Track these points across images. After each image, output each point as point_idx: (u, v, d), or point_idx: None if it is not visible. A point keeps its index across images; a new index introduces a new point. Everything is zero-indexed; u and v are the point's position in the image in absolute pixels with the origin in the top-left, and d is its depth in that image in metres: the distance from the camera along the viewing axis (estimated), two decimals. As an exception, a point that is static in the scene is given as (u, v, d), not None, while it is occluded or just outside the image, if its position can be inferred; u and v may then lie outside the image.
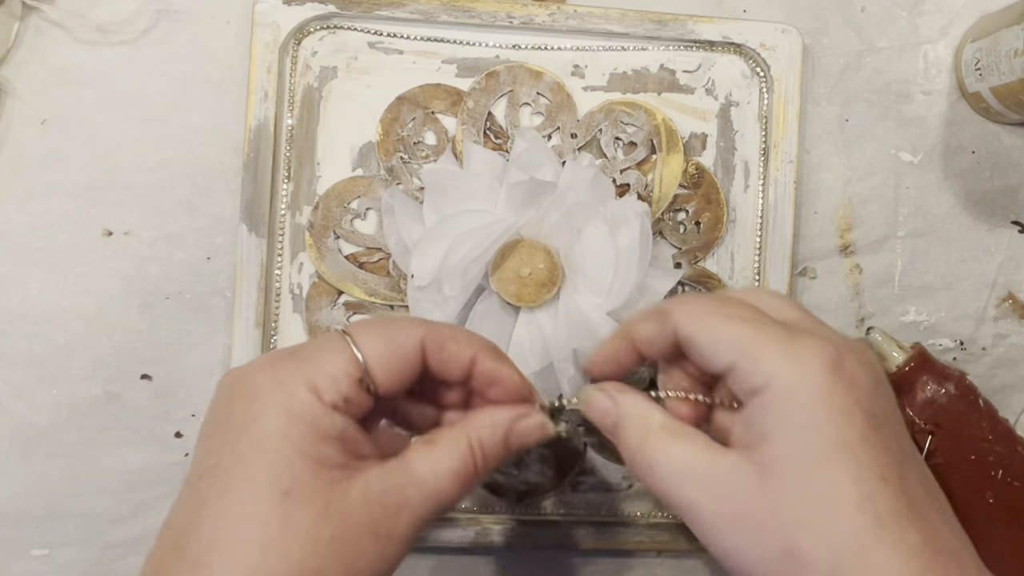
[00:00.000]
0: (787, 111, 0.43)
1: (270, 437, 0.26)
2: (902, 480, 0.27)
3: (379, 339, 0.28)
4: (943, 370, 0.42)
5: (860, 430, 0.27)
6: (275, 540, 0.25)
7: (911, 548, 0.26)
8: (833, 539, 0.26)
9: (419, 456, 0.28)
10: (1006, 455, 0.41)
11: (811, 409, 0.27)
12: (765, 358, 0.27)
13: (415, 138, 0.42)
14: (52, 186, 0.41)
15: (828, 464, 0.26)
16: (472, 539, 0.42)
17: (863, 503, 0.26)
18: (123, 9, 0.41)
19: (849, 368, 0.27)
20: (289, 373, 0.26)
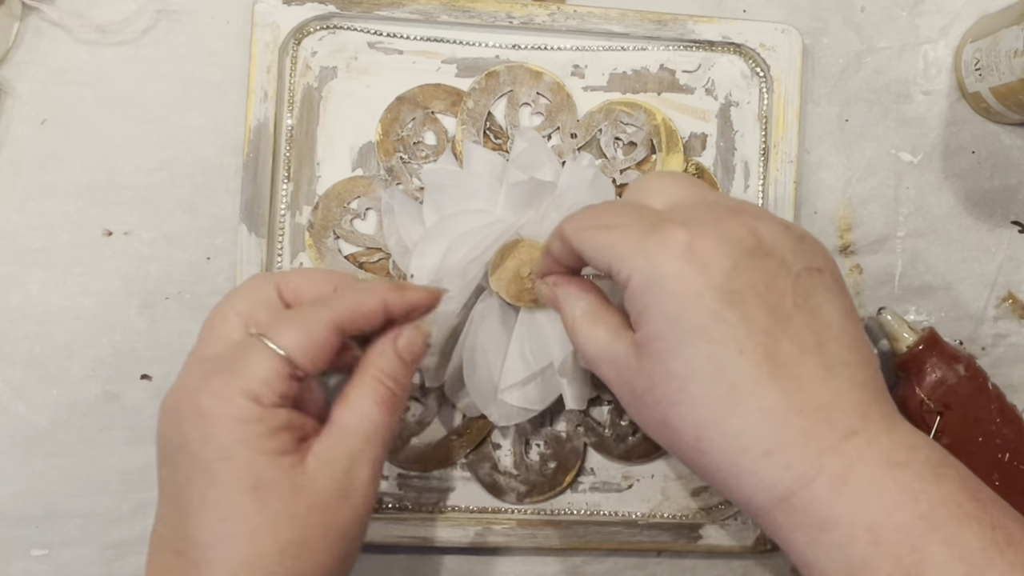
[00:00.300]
0: (787, 111, 0.43)
1: (227, 446, 0.29)
2: (766, 348, 0.28)
3: (295, 331, 0.31)
4: (953, 352, 0.42)
5: (712, 310, 0.28)
6: (258, 528, 0.29)
7: (766, 411, 0.28)
8: (694, 411, 0.29)
9: (342, 411, 0.32)
10: (1014, 438, 0.41)
11: (662, 297, 0.29)
12: (625, 258, 0.30)
13: (415, 138, 0.42)
14: (52, 186, 0.41)
15: (682, 346, 0.28)
16: (472, 539, 0.42)
17: (715, 376, 0.28)
18: (123, 9, 0.41)
19: (701, 251, 0.29)
20: (226, 388, 0.29)
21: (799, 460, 0.28)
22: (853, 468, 0.27)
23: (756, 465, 0.28)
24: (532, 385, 0.40)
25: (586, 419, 0.43)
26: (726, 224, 0.30)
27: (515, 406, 0.40)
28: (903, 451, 0.28)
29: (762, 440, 0.28)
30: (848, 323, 0.30)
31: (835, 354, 0.29)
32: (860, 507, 0.27)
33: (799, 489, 0.28)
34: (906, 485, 0.27)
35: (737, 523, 0.43)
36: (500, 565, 0.43)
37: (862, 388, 0.29)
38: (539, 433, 0.43)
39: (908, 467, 0.27)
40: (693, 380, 0.28)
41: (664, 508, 0.43)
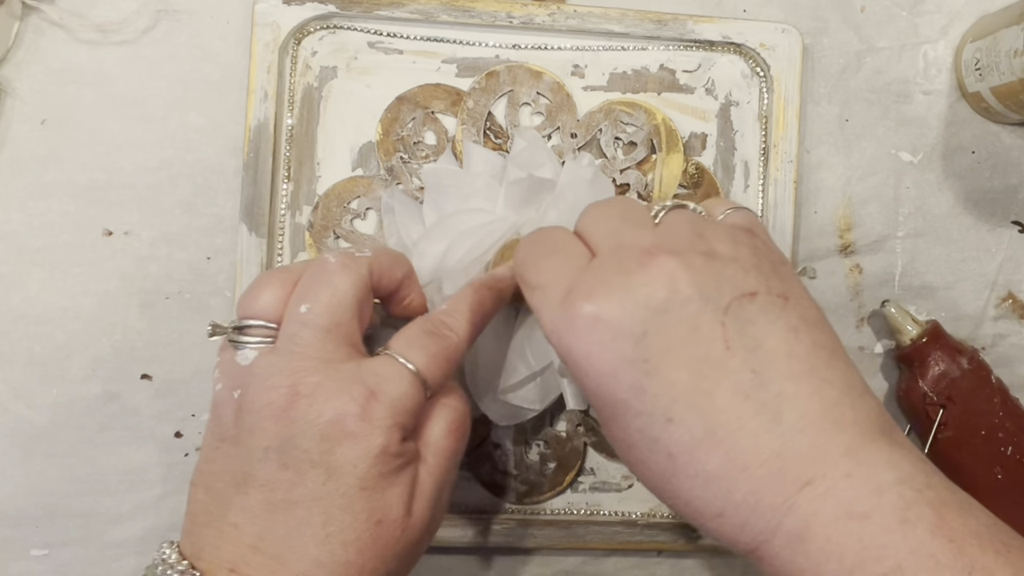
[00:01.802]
0: (787, 111, 0.43)
1: (372, 477, 0.30)
2: (697, 408, 0.27)
3: (433, 358, 0.32)
4: (957, 345, 0.42)
5: (630, 384, 0.27)
6: (367, 561, 0.30)
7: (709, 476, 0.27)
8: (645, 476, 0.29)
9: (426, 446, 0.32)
10: (1016, 432, 0.41)
11: (582, 377, 0.28)
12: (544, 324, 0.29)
13: (415, 138, 0.42)
14: (52, 186, 0.41)
15: (614, 419, 0.28)
16: (472, 539, 0.42)
17: (652, 446, 0.27)
18: (123, 9, 0.41)
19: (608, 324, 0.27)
20: (383, 419, 0.30)
21: (751, 520, 0.27)
22: (809, 526, 0.26)
23: (714, 524, 0.27)
24: (532, 385, 0.40)
25: (586, 419, 0.43)
26: (635, 280, 0.28)
27: (515, 406, 0.40)
28: (865, 498, 0.25)
29: (711, 504, 0.27)
30: (796, 343, 0.27)
31: (781, 391, 0.27)
32: (821, 566, 0.25)
33: (760, 545, 0.27)
34: (868, 540, 0.25)
35: (737, 523, 0.43)
36: (500, 565, 0.43)
37: (815, 425, 0.26)
38: (539, 433, 0.43)
39: (870, 519, 0.25)
40: (634, 448, 0.28)
41: (664, 508, 0.43)
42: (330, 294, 0.31)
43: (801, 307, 0.29)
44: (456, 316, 0.34)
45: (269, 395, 0.30)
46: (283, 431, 0.30)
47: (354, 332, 0.32)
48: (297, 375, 0.30)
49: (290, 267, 0.33)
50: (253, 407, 0.30)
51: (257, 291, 0.32)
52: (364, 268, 0.32)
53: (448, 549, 0.42)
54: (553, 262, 0.30)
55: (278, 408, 0.30)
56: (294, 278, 0.32)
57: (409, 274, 0.35)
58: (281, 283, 0.32)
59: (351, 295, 0.32)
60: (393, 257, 0.34)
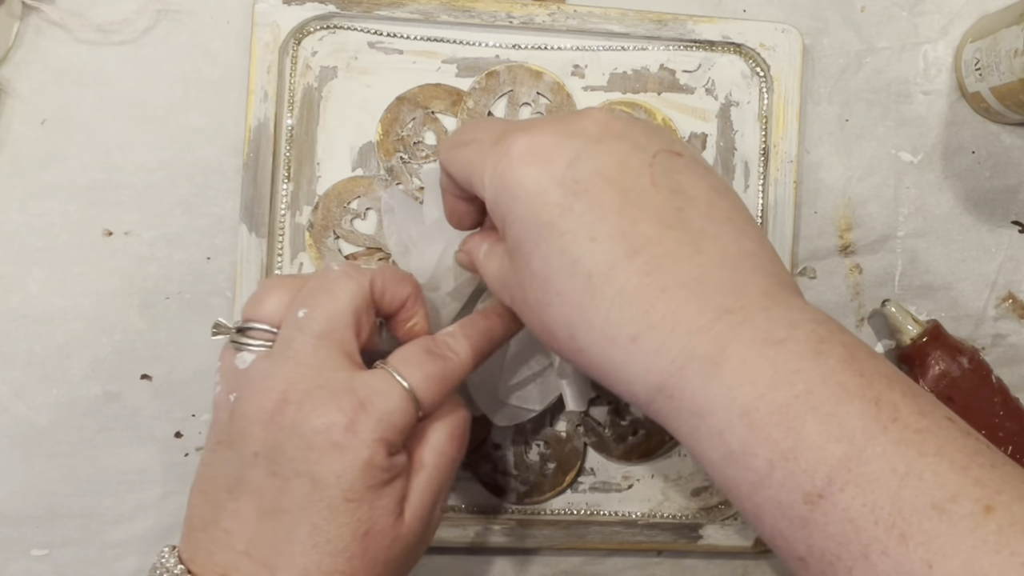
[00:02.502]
0: (787, 111, 0.43)
1: (357, 489, 0.29)
2: (620, 230, 0.27)
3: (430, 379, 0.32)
4: (957, 345, 0.42)
5: (557, 203, 0.27)
6: (358, 570, 0.30)
7: (626, 295, 0.27)
8: (561, 309, 0.28)
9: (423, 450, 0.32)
10: (1017, 431, 0.41)
11: (511, 203, 0.28)
12: (477, 171, 0.30)
13: (415, 138, 0.42)
14: (52, 186, 0.41)
15: (537, 245, 0.28)
16: (472, 539, 0.42)
17: (571, 268, 0.27)
18: (123, 9, 0.41)
19: (540, 149, 0.28)
20: (369, 433, 0.30)
21: (667, 344, 0.26)
22: (725, 350, 0.26)
23: (626, 353, 0.27)
24: (532, 385, 0.40)
25: (586, 419, 0.43)
26: (571, 120, 0.29)
27: (515, 406, 0.40)
28: (781, 328, 0.26)
29: (626, 325, 0.27)
30: (718, 197, 0.29)
31: (702, 228, 0.27)
32: (734, 391, 0.25)
33: (672, 375, 0.26)
34: (782, 364, 0.25)
35: (737, 523, 0.43)
36: (500, 565, 0.43)
37: (734, 262, 0.27)
38: (539, 433, 0.43)
39: (784, 345, 0.25)
40: (553, 277, 0.28)
41: (664, 508, 0.43)
42: (328, 301, 0.31)
43: (719, 178, 0.30)
44: (460, 340, 0.34)
45: (260, 400, 0.30)
46: (271, 437, 0.30)
47: (349, 342, 0.31)
48: (288, 381, 0.30)
49: (298, 275, 0.34)
50: (245, 411, 0.30)
51: (263, 295, 0.33)
52: (365, 280, 0.32)
53: (448, 549, 0.42)
54: (486, 124, 0.32)
55: (267, 413, 0.30)
56: (300, 285, 0.32)
57: (415, 295, 0.35)
58: (287, 289, 0.32)
59: (349, 304, 0.32)
60: (400, 274, 0.34)
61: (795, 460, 0.24)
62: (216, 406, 0.32)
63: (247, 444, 0.30)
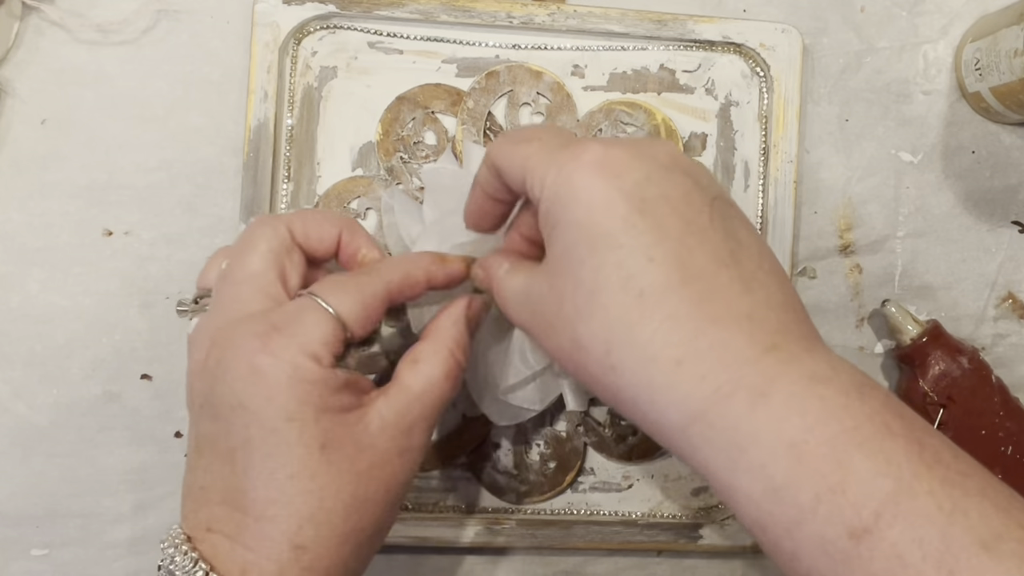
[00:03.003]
0: (787, 111, 0.43)
1: (292, 407, 0.29)
2: (678, 256, 0.27)
3: (350, 297, 0.31)
4: (957, 345, 0.42)
5: (622, 216, 0.27)
6: (325, 485, 0.29)
7: (677, 319, 0.27)
8: (603, 322, 0.27)
9: (413, 376, 0.32)
10: (1017, 431, 0.41)
11: (571, 207, 0.28)
12: (537, 170, 0.29)
13: (415, 138, 0.42)
14: (52, 186, 0.41)
15: (592, 254, 0.28)
16: (472, 539, 0.42)
17: (624, 283, 0.27)
18: (123, 9, 0.41)
19: (613, 162, 0.28)
20: (286, 349, 0.29)
21: (714, 371, 0.26)
22: (774, 383, 0.26)
23: (668, 376, 0.27)
24: (532, 385, 0.40)
25: (586, 419, 0.43)
26: (643, 144, 0.30)
27: (515, 406, 0.40)
28: (825, 369, 0.27)
29: (673, 348, 0.26)
30: (764, 250, 0.29)
31: (752, 272, 0.28)
32: (782, 423, 0.25)
33: (716, 403, 0.26)
34: (830, 400, 0.26)
35: (737, 523, 0.43)
36: (500, 565, 0.43)
37: (781, 307, 0.28)
38: (539, 433, 0.43)
39: (831, 383, 0.26)
40: (602, 289, 0.27)
41: (664, 508, 0.43)
42: (246, 249, 0.32)
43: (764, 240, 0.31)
44: (386, 263, 0.34)
45: (195, 354, 0.31)
46: (205, 385, 0.30)
47: (272, 284, 0.32)
48: (215, 328, 0.31)
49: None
50: (190, 370, 0.31)
51: (209, 264, 0.34)
52: (281, 224, 0.33)
53: (448, 549, 0.42)
54: (551, 127, 0.32)
55: (199, 364, 0.31)
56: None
57: (349, 229, 0.35)
58: (226, 253, 0.34)
59: (265, 248, 0.32)
60: (320, 215, 0.35)
61: (843, 494, 0.24)
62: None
63: (194, 399, 0.31)
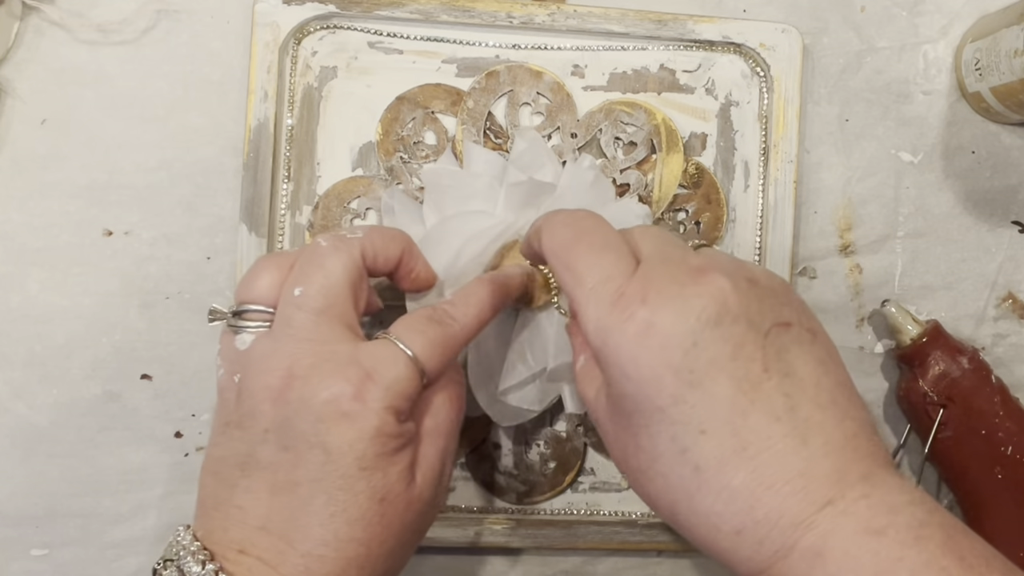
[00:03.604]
0: (787, 111, 0.43)
1: (370, 457, 0.30)
2: (731, 425, 0.27)
3: (433, 346, 0.32)
4: (957, 345, 0.42)
5: (671, 394, 0.28)
6: (375, 535, 0.30)
7: (734, 491, 0.27)
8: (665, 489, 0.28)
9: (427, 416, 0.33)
10: (1016, 432, 0.41)
11: (622, 380, 0.28)
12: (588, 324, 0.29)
13: (415, 138, 0.42)
14: (52, 186, 0.41)
15: (647, 425, 0.28)
16: (472, 539, 0.42)
17: (680, 457, 0.28)
18: (123, 9, 0.41)
19: (660, 330, 0.28)
20: (377, 400, 0.30)
21: (771, 536, 0.27)
22: (828, 541, 0.26)
23: (729, 543, 0.28)
24: (532, 386, 0.40)
25: (586, 419, 0.43)
26: (689, 292, 0.28)
27: (515, 406, 0.40)
28: (882, 516, 0.27)
29: (732, 520, 0.27)
30: (823, 375, 0.29)
31: (808, 417, 0.28)
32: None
33: (775, 563, 0.27)
34: (884, 554, 0.26)
35: (737, 523, 0.43)
36: (500, 565, 0.43)
37: (838, 451, 0.28)
38: (539, 433, 0.43)
39: (886, 534, 0.26)
40: (660, 459, 0.28)
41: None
42: (323, 276, 0.32)
43: (827, 344, 0.30)
44: (460, 306, 0.34)
45: (266, 378, 0.30)
46: (280, 413, 0.30)
47: (349, 313, 0.32)
48: (293, 357, 0.30)
49: (286, 252, 0.34)
50: (252, 390, 0.31)
51: (254, 276, 0.33)
52: (356, 249, 0.33)
53: (448, 549, 0.42)
54: (605, 258, 0.30)
55: (275, 391, 0.30)
56: (290, 262, 0.33)
57: (408, 249, 0.35)
58: (277, 267, 0.33)
59: (343, 277, 0.32)
60: (387, 235, 0.35)
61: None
62: (221, 388, 0.32)
63: (256, 422, 0.30)
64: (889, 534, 0.26)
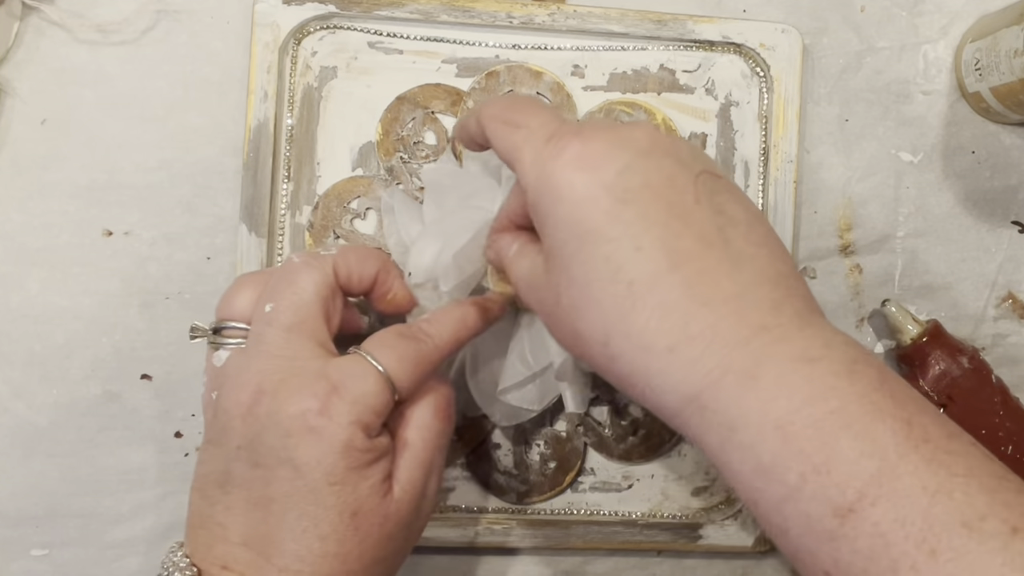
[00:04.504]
0: (787, 111, 0.43)
1: (339, 472, 0.30)
2: (664, 242, 0.27)
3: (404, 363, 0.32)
4: (957, 345, 0.42)
5: (606, 210, 0.28)
6: (351, 550, 0.30)
7: (668, 306, 0.27)
8: (598, 315, 0.28)
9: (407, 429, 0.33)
10: (1017, 431, 0.41)
11: (556, 205, 0.28)
12: (523, 164, 0.30)
13: (415, 138, 0.42)
14: (52, 186, 0.41)
15: (580, 248, 0.28)
16: (472, 539, 0.42)
17: (614, 275, 0.27)
18: (123, 9, 0.41)
19: (593, 156, 0.28)
20: (344, 415, 0.30)
21: (705, 355, 0.27)
22: (762, 364, 0.26)
23: (662, 363, 0.27)
24: (531, 386, 0.40)
25: (586, 419, 0.43)
26: (622, 130, 0.29)
27: (515, 406, 0.40)
28: (817, 347, 0.27)
29: (665, 335, 0.27)
30: (755, 221, 0.29)
31: (741, 248, 0.28)
32: (769, 404, 0.26)
33: (707, 387, 0.27)
34: (818, 381, 0.26)
35: (737, 523, 0.43)
36: (500, 565, 0.43)
37: (772, 283, 0.28)
38: (539, 433, 0.43)
39: (820, 362, 0.26)
40: (593, 283, 0.28)
41: (664, 508, 0.43)
42: (292, 292, 0.32)
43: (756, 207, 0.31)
44: (435, 324, 0.34)
45: (237, 394, 0.31)
46: (250, 430, 0.30)
47: (319, 330, 0.32)
48: (262, 373, 0.31)
49: (265, 270, 0.35)
50: (226, 407, 0.31)
51: (233, 294, 0.33)
52: (328, 266, 0.33)
53: (447, 549, 0.42)
54: (539, 109, 0.31)
55: (244, 407, 0.30)
56: (267, 280, 0.33)
57: (385, 268, 0.35)
58: (254, 285, 0.33)
59: (313, 293, 0.32)
60: (362, 253, 0.35)
61: (827, 474, 0.25)
62: (204, 406, 0.33)
63: (230, 438, 0.31)
64: (823, 364, 0.26)
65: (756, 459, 0.26)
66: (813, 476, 0.25)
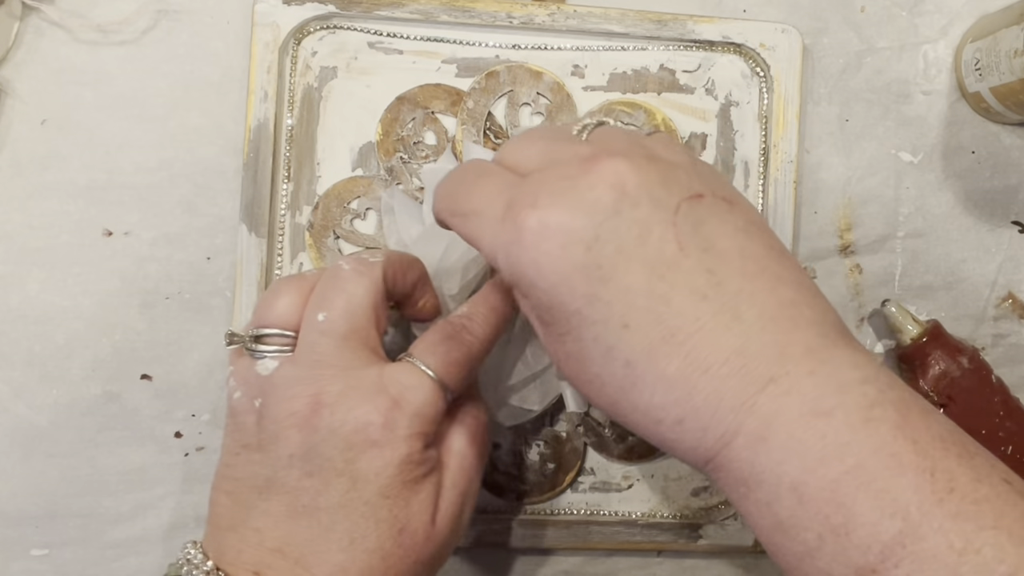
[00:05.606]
0: (787, 111, 0.43)
1: (395, 486, 0.30)
2: (653, 313, 0.26)
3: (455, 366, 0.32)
4: (957, 345, 0.42)
5: (583, 293, 0.26)
6: (393, 566, 0.30)
7: (669, 381, 0.26)
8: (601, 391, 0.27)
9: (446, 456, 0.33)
10: (1017, 431, 0.41)
11: (532, 290, 0.27)
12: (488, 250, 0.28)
13: (415, 138, 0.42)
14: (52, 186, 0.41)
15: (569, 330, 0.27)
16: (472, 539, 0.42)
17: (607, 356, 0.26)
18: (123, 9, 0.41)
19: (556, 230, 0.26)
20: (404, 428, 0.30)
21: (713, 423, 0.26)
22: (771, 424, 0.25)
23: (674, 433, 0.26)
24: (532, 386, 0.40)
25: (586, 419, 0.43)
26: (581, 184, 0.27)
27: (515, 406, 0.40)
28: (829, 396, 0.25)
29: (672, 410, 0.26)
30: (748, 243, 0.27)
31: (738, 288, 0.26)
32: (783, 465, 0.25)
33: (720, 450, 0.26)
34: (831, 438, 0.24)
35: (737, 523, 0.43)
36: (500, 565, 0.43)
37: (775, 322, 0.26)
38: (539, 433, 0.43)
39: (833, 416, 0.25)
40: (589, 361, 0.27)
41: (664, 508, 0.43)
42: (346, 301, 0.31)
43: (747, 210, 0.28)
44: (476, 319, 0.34)
45: (292, 404, 0.30)
46: (307, 440, 0.30)
47: (372, 337, 0.32)
48: (319, 384, 0.30)
49: (305, 275, 0.34)
50: (276, 416, 0.30)
51: (273, 299, 0.32)
52: (378, 273, 0.32)
53: (448, 549, 0.42)
54: (484, 185, 0.29)
55: (301, 417, 0.30)
56: (310, 285, 0.33)
57: (422, 276, 0.35)
58: (297, 290, 0.32)
59: (367, 301, 0.32)
60: (406, 260, 0.35)
61: (846, 536, 0.24)
62: (237, 411, 0.32)
63: (280, 447, 0.30)
64: (837, 416, 0.25)
65: (774, 517, 0.25)
66: (832, 537, 0.24)
